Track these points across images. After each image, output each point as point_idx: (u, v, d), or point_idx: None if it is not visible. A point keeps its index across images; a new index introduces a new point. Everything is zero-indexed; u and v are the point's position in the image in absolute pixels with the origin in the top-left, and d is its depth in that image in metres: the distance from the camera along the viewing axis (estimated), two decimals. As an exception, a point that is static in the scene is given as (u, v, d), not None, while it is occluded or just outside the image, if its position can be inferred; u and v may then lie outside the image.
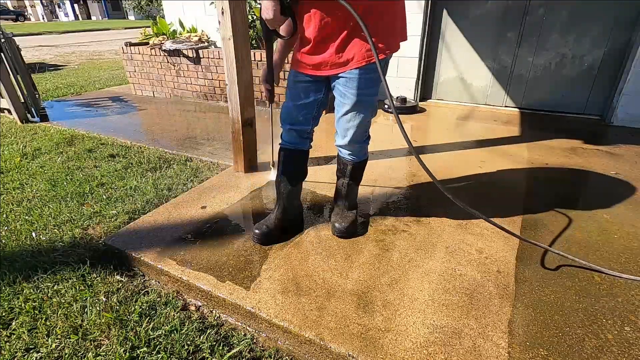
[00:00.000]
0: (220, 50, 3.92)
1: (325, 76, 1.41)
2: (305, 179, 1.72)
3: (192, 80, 4.27)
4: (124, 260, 1.63)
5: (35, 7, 38.81)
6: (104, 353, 1.21)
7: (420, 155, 2.59)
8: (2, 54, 3.28)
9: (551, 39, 3.35)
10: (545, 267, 1.48)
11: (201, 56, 4.03)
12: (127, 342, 1.24)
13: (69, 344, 1.24)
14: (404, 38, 1.39)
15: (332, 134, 1.58)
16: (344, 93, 1.39)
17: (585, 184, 2.19)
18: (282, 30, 1.38)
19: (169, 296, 1.46)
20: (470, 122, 3.35)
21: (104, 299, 1.42)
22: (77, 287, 1.48)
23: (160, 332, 1.28)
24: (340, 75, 1.36)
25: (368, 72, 1.33)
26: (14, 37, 3.40)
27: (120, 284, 1.51)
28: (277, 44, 1.55)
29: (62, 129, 3.33)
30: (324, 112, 1.61)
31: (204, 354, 1.21)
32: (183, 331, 1.29)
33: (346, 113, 1.43)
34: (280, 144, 1.64)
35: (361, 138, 1.52)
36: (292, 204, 1.71)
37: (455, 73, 3.87)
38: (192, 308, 1.42)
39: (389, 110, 3.62)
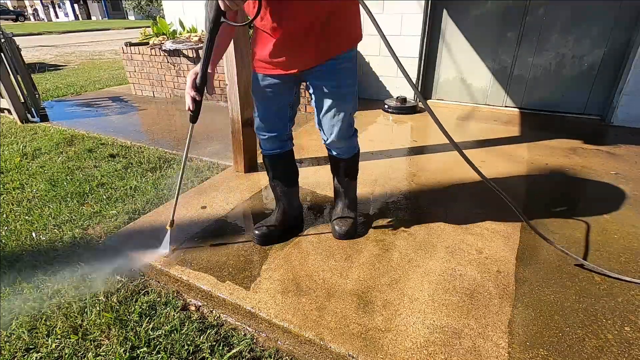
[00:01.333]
0: (220, 50, 3.91)
1: (295, 74, 1.34)
2: (306, 179, 1.70)
3: (192, 80, 4.27)
4: (124, 260, 1.62)
5: (35, 7, 38.82)
6: (104, 353, 1.21)
7: (419, 156, 2.59)
8: (2, 54, 3.28)
9: (551, 39, 3.34)
10: (545, 267, 1.48)
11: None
12: (127, 342, 1.24)
13: (69, 344, 1.24)
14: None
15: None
16: (323, 88, 1.34)
17: (585, 183, 2.19)
18: (233, 15, 1.18)
19: (169, 296, 1.46)
20: (470, 122, 3.35)
21: (104, 299, 1.42)
22: (77, 287, 1.48)
23: (160, 332, 1.28)
24: (316, 70, 1.30)
25: (345, 61, 1.30)
26: (14, 37, 3.40)
27: (120, 284, 1.51)
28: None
29: (62, 129, 3.33)
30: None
31: (204, 354, 1.21)
32: (183, 331, 1.29)
33: (329, 109, 1.38)
34: (262, 152, 1.59)
35: (348, 133, 1.46)
36: (292, 204, 1.69)
37: (455, 73, 3.86)
38: (192, 308, 1.42)
39: (389, 110, 3.62)
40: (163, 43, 4.17)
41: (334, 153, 1.56)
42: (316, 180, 2.20)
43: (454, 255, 1.56)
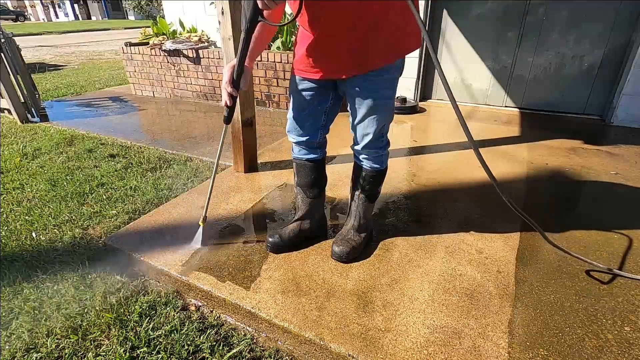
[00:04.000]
0: (220, 50, 3.92)
1: (333, 80, 1.28)
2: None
3: (192, 80, 4.27)
4: (124, 260, 1.63)
5: (35, 7, 38.81)
6: (104, 353, 1.21)
7: (419, 156, 2.59)
8: (2, 54, 3.28)
9: (551, 39, 3.35)
10: (545, 267, 1.48)
11: (201, 56, 4.03)
12: (127, 342, 1.24)
13: (69, 344, 1.24)
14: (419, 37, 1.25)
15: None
16: (360, 98, 1.26)
17: (585, 184, 2.19)
18: (272, 14, 1.15)
19: (169, 296, 1.46)
20: (470, 122, 3.35)
21: (104, 299, 1.42)
22: (77, 287, 1.48)
23: (160, 332, 1.28)
24: (354, 78, 1.23)
25: (386, 72, 1.21)
26: (14, 37, 3.40)
27: (120, 284, 1.51)
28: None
29: (62, 129, 3.33)
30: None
31: (204, 354, 1.21)
32: (183, 331, 1.29)
33: (363, 119, 1.30)
34: (292, 156, 1.54)
35: (379, 143, 1.39)
36: (312, 216, 1.61)
37: (456, 73, 3.86)
38: (192, 308, 1.42)
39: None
40: (163, 43, 4.17)
41: (360, 160, 1.47)
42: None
43: (454, 255, 1.56)
